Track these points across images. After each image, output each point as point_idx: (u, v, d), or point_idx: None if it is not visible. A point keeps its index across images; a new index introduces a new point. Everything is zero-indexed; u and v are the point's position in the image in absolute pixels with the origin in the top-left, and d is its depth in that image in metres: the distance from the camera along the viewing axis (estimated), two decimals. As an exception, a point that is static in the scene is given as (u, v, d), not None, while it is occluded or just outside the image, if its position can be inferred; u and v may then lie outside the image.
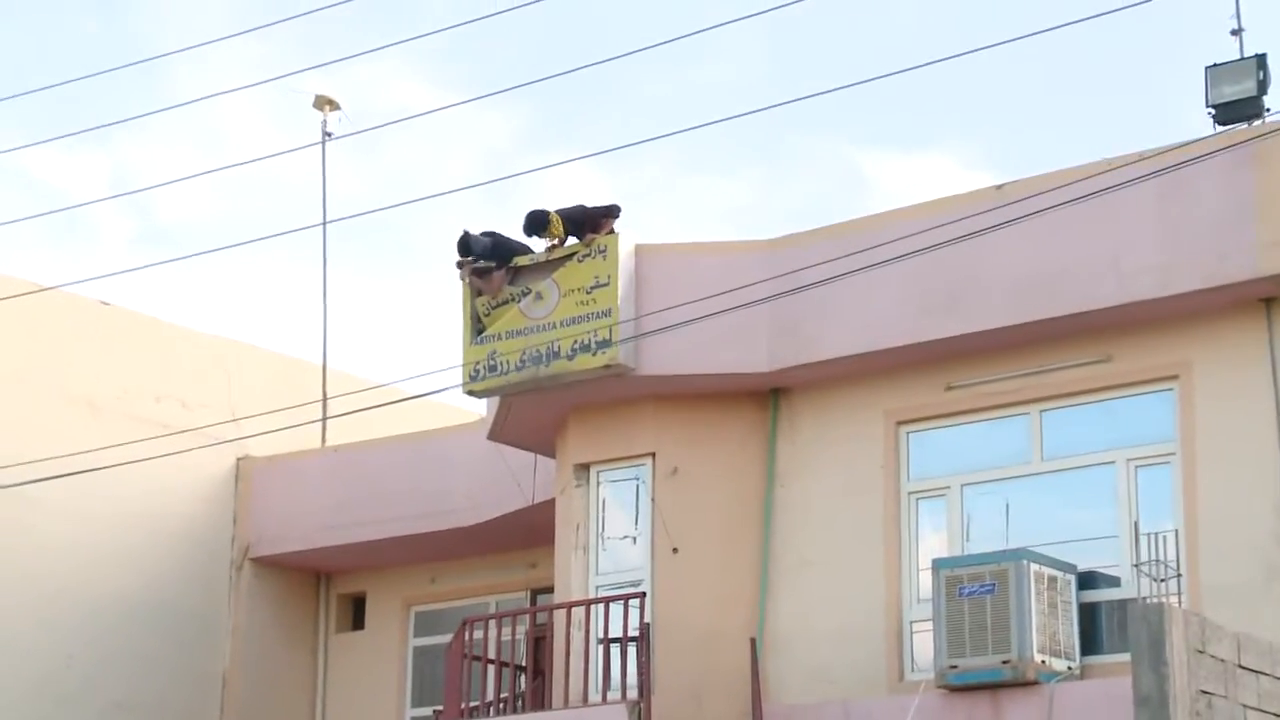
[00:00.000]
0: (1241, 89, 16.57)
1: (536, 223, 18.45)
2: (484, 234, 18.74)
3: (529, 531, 20.93)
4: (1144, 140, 22.44)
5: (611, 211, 18.40)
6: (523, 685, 18.97)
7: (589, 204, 18.61)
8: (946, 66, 15.69)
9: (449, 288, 19.37)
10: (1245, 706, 12.33)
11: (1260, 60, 16.53)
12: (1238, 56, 16.85)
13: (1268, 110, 16.35)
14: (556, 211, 18.48)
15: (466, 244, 18.72)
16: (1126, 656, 14.95)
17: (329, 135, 25.28)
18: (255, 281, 49.01)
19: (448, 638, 20.52)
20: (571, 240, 18.48)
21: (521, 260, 18.52)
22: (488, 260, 18.66)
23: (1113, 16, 14.88)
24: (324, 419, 23.73)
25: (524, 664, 19.03)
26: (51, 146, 48.21)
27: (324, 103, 25.37)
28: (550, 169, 19.46)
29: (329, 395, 23.81)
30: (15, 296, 21.47)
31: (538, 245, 18.58)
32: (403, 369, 31.91)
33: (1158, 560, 15.38)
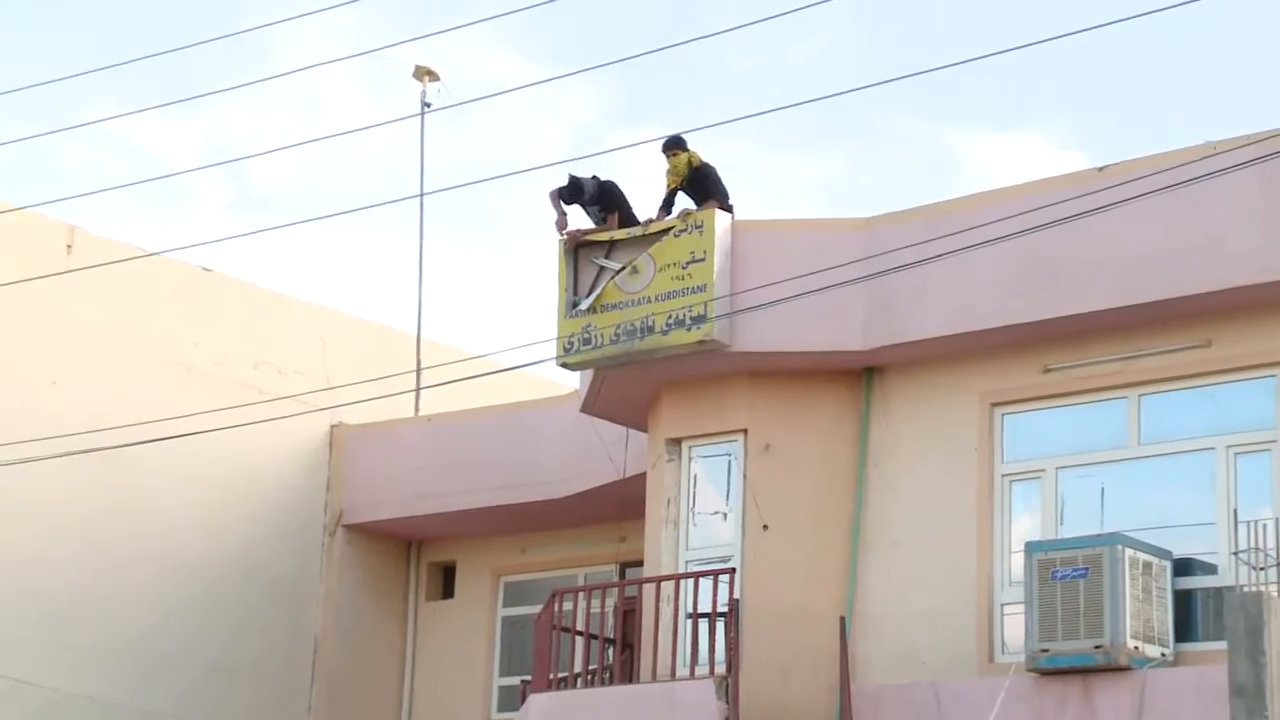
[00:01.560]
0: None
1: (675, 142, 18.49)
2: (594, 181, 18.83)
3: (619, 505, 20.91)
4: (1242, 124, 22.20)
5: (725, 205, 18.31)
6: (610, 658, 18.91)
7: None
8: (1040, 45, 15.47)
9: (543, 260, 19.36)
10: (1345, 699, 12.10)
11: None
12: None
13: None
14: (695, 156, 18.53)
15: (578, 183, 18.76)
16: (1222, 645, 14.90)
17: (428, 106, 25.29)
18: (351, 250, 49.23)
19: (536, 608, 20.52)
20: (683, 194, 18.50)
21: (621, 234, 18.45)
22: (595, 203, 18.77)
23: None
24: (418, 389, 23.77)
25: (612, 637, 19.00)
26: (150, 114, 48.64)
27: (423, 73, 25.41)
28: (639, 146, 19.38)
29: (423, 365, 23.79)
30: (117, 261, 21.52)
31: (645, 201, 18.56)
32: (496, 341, 31.93)
33: (1256, 548, 15.20)
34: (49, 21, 51.06)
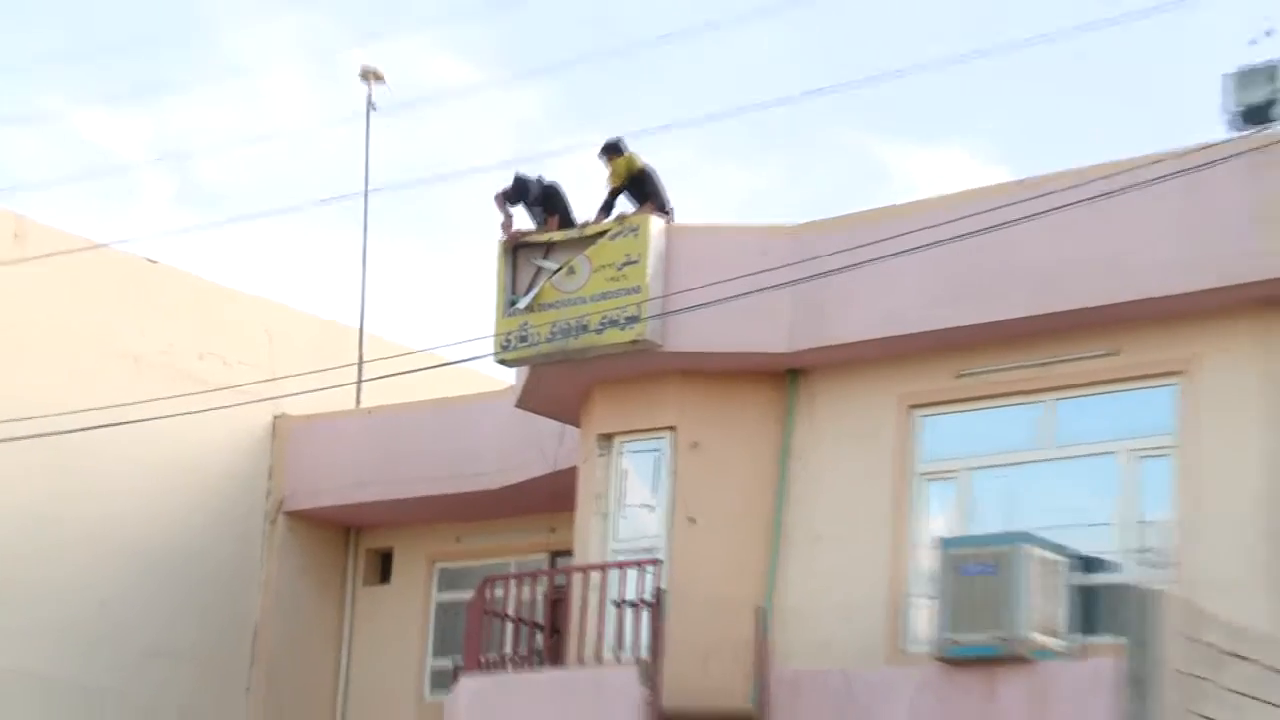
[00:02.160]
0: (1259, 95, 16.66)
1: (612, 147, 18.74)
2: (539, 182, 19.00)
3: (551, 497, 21.01)
4: (1158, 141, 22.49)
5: (663, 208, 18.51)
6: (539, 643, 19.06)
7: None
8: (965, 61, 15.82)
9: (484, 259, 19.51)
10: (1232, 691, 12.36)
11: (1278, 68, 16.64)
12: (1255, 64, 16.93)
13: (1280, 117, 16.49)
14: (634, 159, 18.71)
15: (523, 183, 18.93)
16: (1120, 639, 15.21)
17: (374, 106, 25.45)
18: (296, 246, 49.09)
19: (469, 594, 20.69)
20: (624, 197, 18.68)
21: (559, 235, 18.61)
22: (538, 204, 18.94)
23: (1130, 18, 15.01)
24: (359, 381, 23.92)
25: (541, 622, 19.11)
26: (98, 108, 48.49)
27: (370, 74, 25.42)
28: (580, 149, 19.53)
29: (364, 359, 23.97)
30: (65, 252, 21.56)
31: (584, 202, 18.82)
32: (437, 336, 31.99)
33: (1153, 548, 15.58)
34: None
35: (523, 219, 19.11)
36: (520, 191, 19.04)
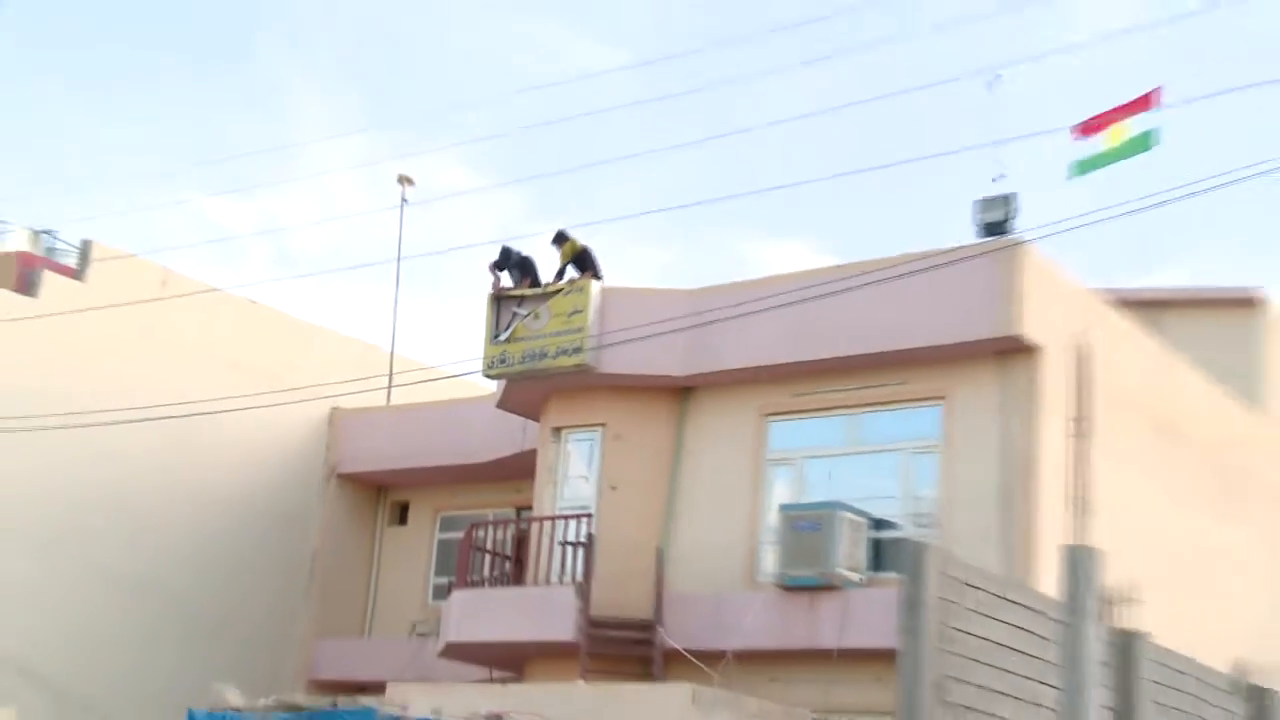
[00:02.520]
0: (997, 216, 16.89)
1: (560, 237, 18.57)
2: (518, 254, 18.82)
3: (518, 469, 20.76)
4: (930, 241, 22.86)
5: (597, 275, 18.42)
6: (507, 569, 18.82)
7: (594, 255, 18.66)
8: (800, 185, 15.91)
9: (476, 307, 19.53)
10: (968, 610, 12.40)
11: (1010, 198, 16.78)
12: (995, 194, 17.11)
13: (1013, 229, 16.55)
14: (578, 244, 18.51)
15: (507, 253, 18.78)
16: (899, 575, 15.23)
17: (406, 201, 25.02)
18: (351, 295, 49.32)
19: (461, 534, 20.62)
20: (571, 267, 18.50)
21: (529, 291, 18.49)
22: (516, 268, 18.74)
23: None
24: (389, 387, 23.61)
25: (509, 555, 18.92)
26: (222, 197, 48.44)
27: (404, 180, 25.09)
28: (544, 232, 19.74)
29: (395, 372, 23.72)
30: (194, 294, 21.51)
31: (546, 267, 18.74)
32: (444, 357, 32.05)
33: (923, 515, 15.67)
34: (146, 124, 50.59)
35: (506, 279, 18.94)
36: (505, 257, 18.87)
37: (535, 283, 18.75)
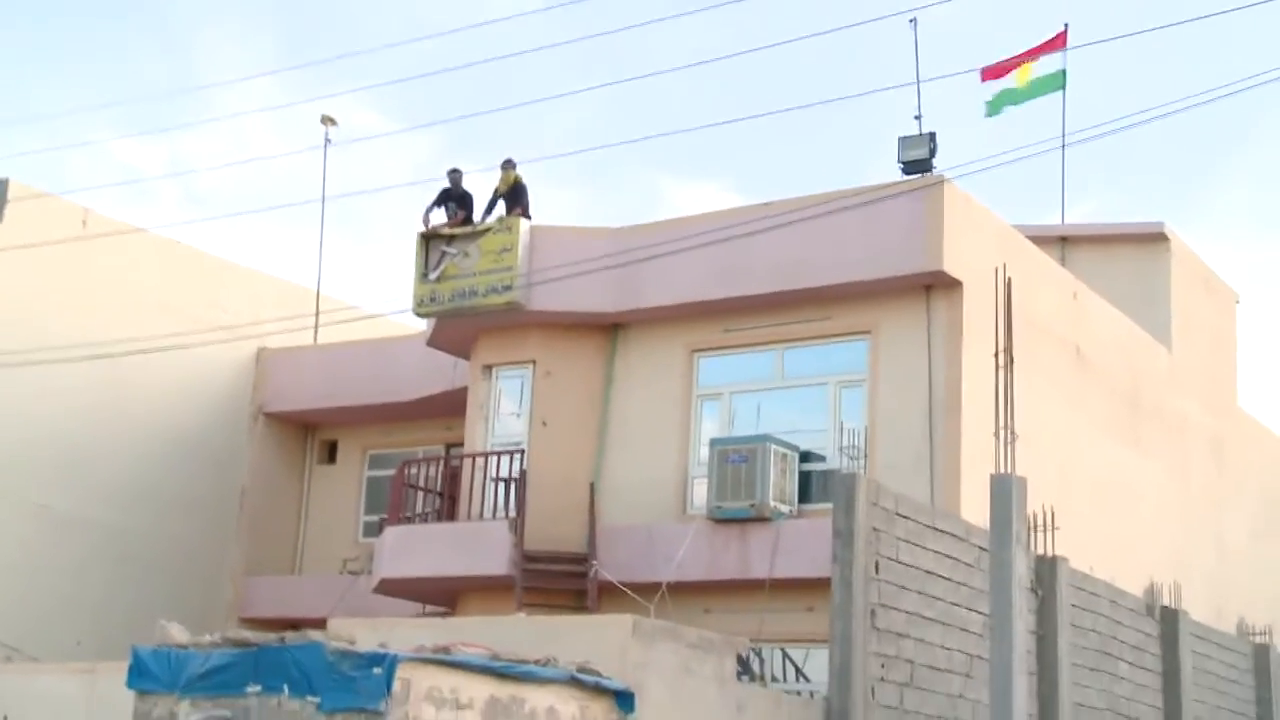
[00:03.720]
0: (919, 153, 16.94)
1: (507, 163, 18.32)
2: (461, 189, 18.51)
3: (447, 407, 20.58)
4: (854, 179, 22.97)
5: (527, 214, 18.17)
6: (437, 506, 18.70)
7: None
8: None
9: (404, 244, 19.32)
10: (898, 539, 12.57)
11: (932, 136, 16.89)
12: (917, 132, 17.19)
13: (934, 167, 16.68)
14: (515, 175, 18.26)
15: (455, 179, 18.51)
16: (828, 505, 15.23)
17: (330, 141, 24.74)
18: (270, 238, 48.60)
19: (391, 472, 20.44)
20: (503, 202, 18.25)
21: (458, 230, 18.22)
22: (455, 202, 18.48)
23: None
24: (315, 326, 23.34)
25: (441, 491, 18.78)
26: (131, 139, 47.40)
27: (327, 120, 24.75)
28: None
29: (322, 310, 23.46)
30: (118, 234, 20.98)
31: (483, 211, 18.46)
32: (367, 297, 31.71)
33: (851, 446, 15.75)
34: (62, 61, 49.26)
35: (439, 216, 18.61)
36: (449, 187, 18.55)
37: (470, 219, 18.51)
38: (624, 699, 9.63)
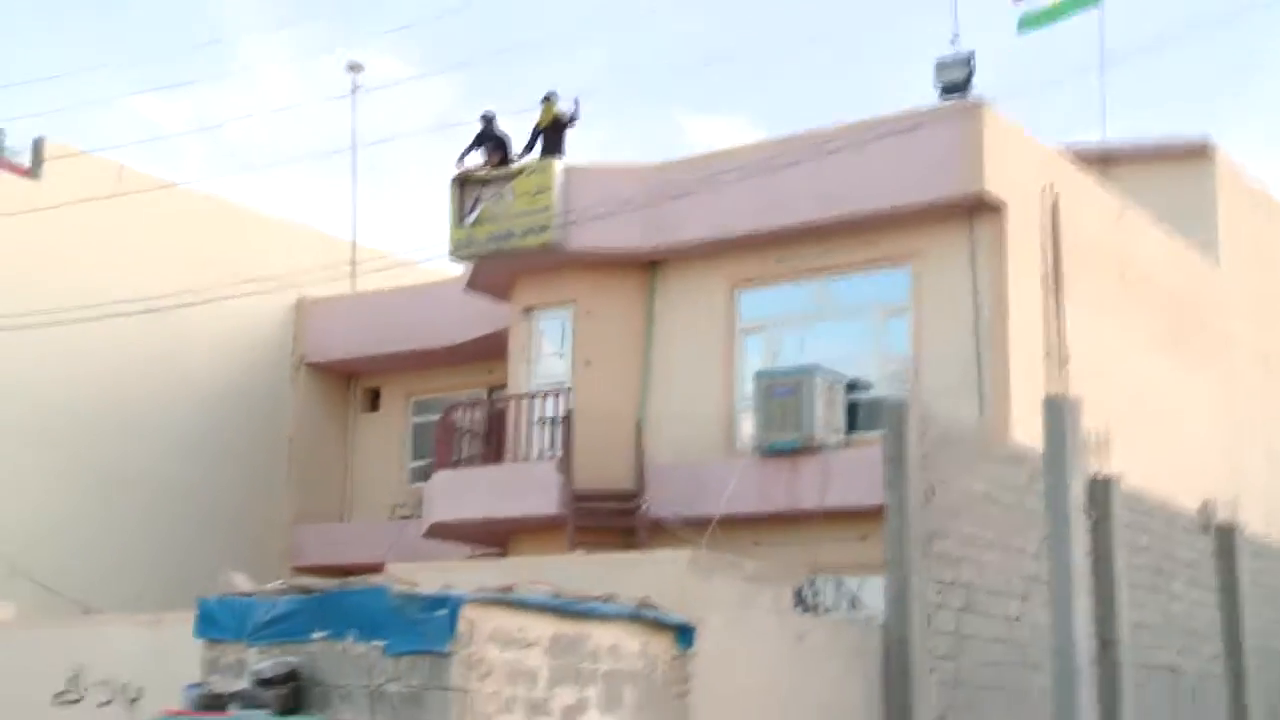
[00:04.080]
0: (956, 76, 16.75)
1: (547, 97, 18.16)
2: (499, 130, 18.40)
3: (487, 350, 20.77)
4: (891, 104, 22.70)
5: (560, 150, 18.08)
6: (480, 449, 18.58)
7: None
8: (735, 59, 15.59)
9: (429, 189, 19.23)
10: (949, 464, 12.44)
11: (970, 57, 16.69)
12: (954, 55, 16.99)
13: (973, 89, 16.50)
14: (555, 109, 18.10)
15: (489, 122, 18.39)
16: (877, 434, 15.13)
17: (358, 87, 24.70)
18: (292, 188, 48.65)
19: (434, 417, 20.54)
20: (542, 137, 18.13)
21: (493, 173, 18.12)
22: (492, 141, 18.37)
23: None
24: (353, 275, 23.43)
25: (485, 433, 18.67)
26: (153, 95, 47.48)
27: (354, 66, 24.73)
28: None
29: (360, 260, 23.49)
30: (155, 189, 21.02)
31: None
32: (401, 243, 31.71)
33: (898, 374, 15.69)
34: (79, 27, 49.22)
35: (476, 158, 18.51)
36: (486, 129, 18.44)
37: (505, 160, 18.40)
38: (684, 633, 9.67)
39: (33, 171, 20.28)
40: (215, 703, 8.16)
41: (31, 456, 19.79)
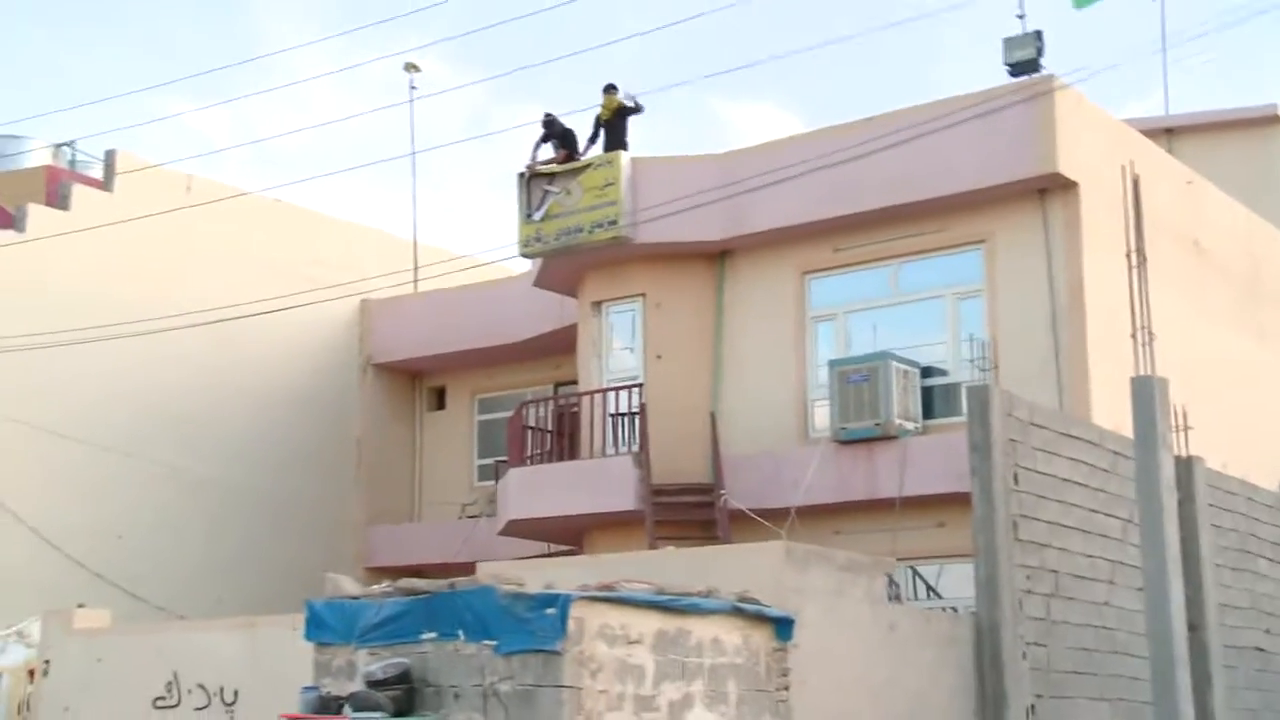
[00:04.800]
0: (1025, 54, 16.68)
1: (610, 87, 18.20)
2: (561, 125, 18.47)
3: (553, 346, 20.91)
4: (957, 87, 22.58)
5: (623, 143, 18.14)
6: (550, 445, 18.67)
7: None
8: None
9: (506, 184, 19.20)
10: (1034, 449, 12.54)
11: (1038, 34, 16.63)
12: (1022, 33, 16.92)
13: (1043, 67, 16.42)
14: (618, 100, 18.14)
15: (551, 122, 18.45)
16: (953, 420, 15.18)
17: (414, 88, 24.64)
18: (339, 190, 49.00)
19: (499, 415, 20.66)
20: (604, 130, 18.20)
21: (559, 169, 18.22)
22: (558, 138, 18.43)
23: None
24: (415, 278, 23.50)
25: (554, 429, 18.79)
26: (199, 106, 47.77)
27: (410, 67, 24.67)
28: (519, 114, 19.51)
29: (424, 261, 23.51)
30: (228, 199, 21.33)
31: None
32: (459, 243, 31.82)
33: (978, 358, 15.68)
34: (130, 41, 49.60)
35: (547, 151, 18.55)
36: (549, 126, 18.49)
37: (572, 156, 18.45)
38: (783, 626, 9.76)
39: (106, 184, 20.56)
40: (331, 705, 8.33)
41: (112, 465, 20.08)
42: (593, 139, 18.32)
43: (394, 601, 8.75)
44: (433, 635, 8.47)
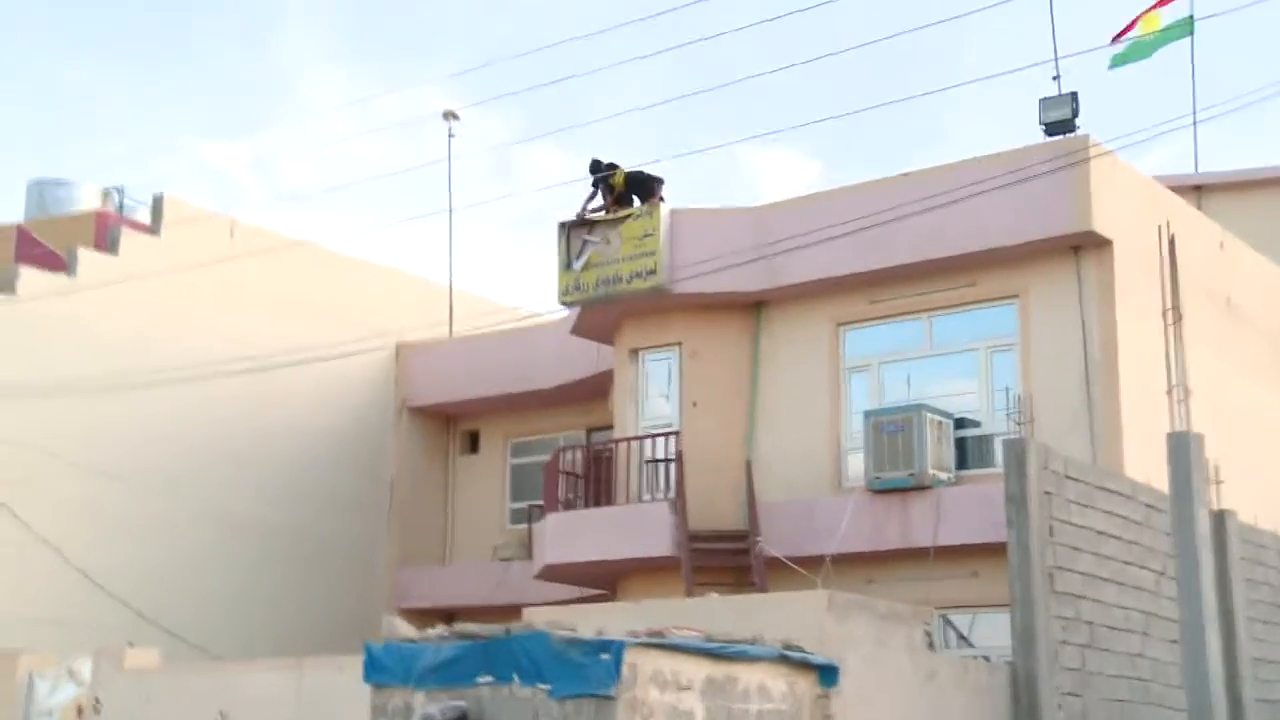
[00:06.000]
0: (1060, 114, 16.92)
1: (603, 175, 18.46)
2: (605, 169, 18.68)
3: (586, 393, 21.10)
4: (990, 146, 22.76)
5: (659, 181, 18.43)
6: (580, 491, 18.76)
7: (644, 171, 18.52)
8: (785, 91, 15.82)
9: (526, 225, 19.41)
10: (1069, 501, 12.68)
11: (1074, 96, 16.86)
12: (1058, 94, 17.15)
13: (1077, 127, 16.64)
14: (624, 172, 18.45)
15: (596, 166, 18.67)
16: (985, 471, 15.34)
17: (452, 135, 24.84)
18: (396, 235, 49.43)
19: (532, 459, 20.78)
20: (627, 199, 18.41)
21: (598, 218, 18.45)
22: (607, 188, 18.59)
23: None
24: (450, 323, 23.86)
25: (586, 476, 18.83)
26: (217, 141, 48.38)
27: (449, 115, 24.76)
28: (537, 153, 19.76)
29: (458, 306, 23.91)
30: (272, 250, 21.63)
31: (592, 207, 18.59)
32: (492, 287, 32.00)
33: (1013, 411, 15.82)
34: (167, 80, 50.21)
35: (598, 199, 18.78)
36: (595, 172, 18.71)
37: (623, 202, 18.66)
38: (827, 673, 9.92)
39: (153, 228, 20.90)
40: (392, 745, 8.50)
41: (155, 506, 20.33)
42: (602, 207, 18.56)
43: (451, 645, 8.95)
44: (489, 679, 8.64)
